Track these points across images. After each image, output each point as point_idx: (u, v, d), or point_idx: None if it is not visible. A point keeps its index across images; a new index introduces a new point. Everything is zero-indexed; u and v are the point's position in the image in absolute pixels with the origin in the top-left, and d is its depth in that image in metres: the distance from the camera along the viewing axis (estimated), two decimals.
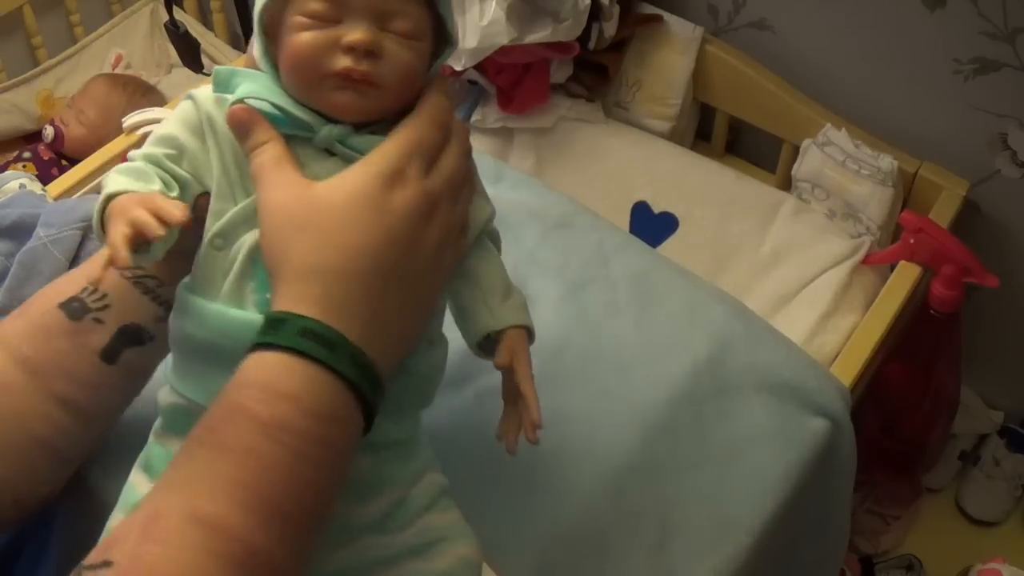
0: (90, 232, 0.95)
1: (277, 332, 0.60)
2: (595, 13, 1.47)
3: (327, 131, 0.66)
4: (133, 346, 0.73)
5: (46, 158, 1.90)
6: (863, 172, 1.41)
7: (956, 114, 1.42)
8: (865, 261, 1.41)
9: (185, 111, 0.69)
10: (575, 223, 1.12)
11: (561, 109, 1.56)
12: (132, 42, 2.14)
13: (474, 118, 1.52)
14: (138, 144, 1.39)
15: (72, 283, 0.73)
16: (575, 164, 1.54)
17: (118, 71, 2.09)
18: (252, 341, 0.61)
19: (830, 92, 1.50)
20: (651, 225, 1.50)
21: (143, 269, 0.72)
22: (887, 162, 1.39)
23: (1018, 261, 1.50)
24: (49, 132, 1.90)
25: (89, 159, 1.37)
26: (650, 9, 1.57)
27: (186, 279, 0.70)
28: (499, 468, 0.85)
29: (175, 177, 0.68)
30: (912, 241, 1.33)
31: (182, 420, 0.67)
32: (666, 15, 1.56)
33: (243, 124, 0.66)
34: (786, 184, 1.55)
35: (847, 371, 1.20)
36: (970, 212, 1.47)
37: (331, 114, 0.67)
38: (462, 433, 0.86)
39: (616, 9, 1.50)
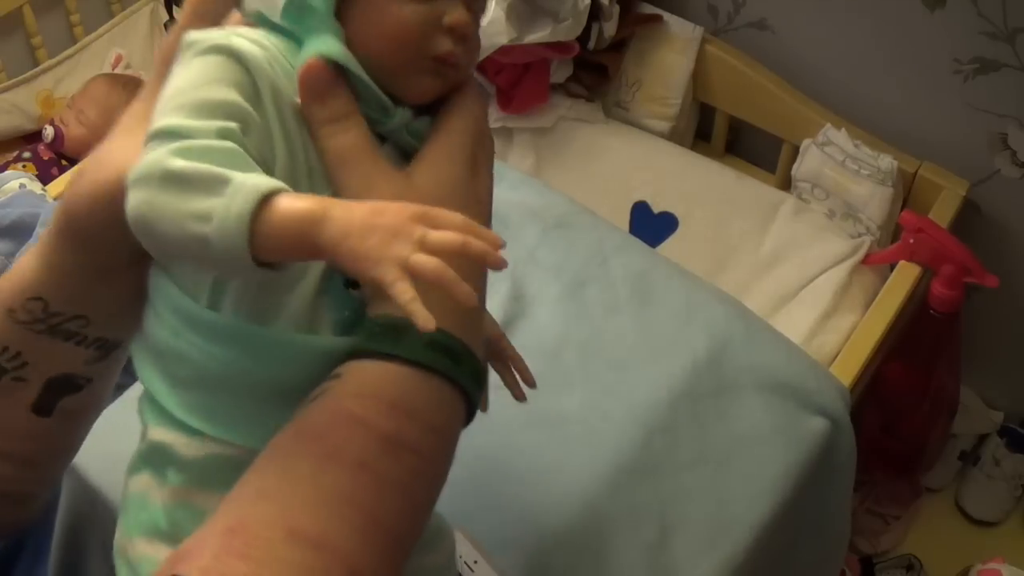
0: None
1: (399, 342, 0.53)
2: (595, 13, 1.47)
3: (401, 115, 0.57)
4: (68, 394, 0.63)
5: (46, 158, 1.90)
6: (863, 172, 1.41)
7: (956, 114, 1.42)
8: (865, 261, 1.41)
9: (230, 71, 0.53)
10: (575, 223, 1.12)
11: (561, 109, 1.56)
12: (132, 42, 2.14)
13: None
14: None
15: (16, 279, 0.62)
16: (575, 164, 1.54)
17: (118, 71, 2.09)
18: (360, 347, 0.53)
19: (830, 92, 1.50)
20: (651, 225, 1.50)
21: (60, 315, 0.60)
22: (887, 162, 1.39)
23: (1018, 261, 1.50)
24: (49, 132, 1.90)
25: None
26: (650, 9, 1.57)
27: (199, 300, 0.55)
28: (498, 466, 0.85)
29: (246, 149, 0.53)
30: (912, 241, 1.33)
31: (225, 472, 0.53)
32: (666, 15, 1.56)
33: (322, 87, 0.54)
34: (786, 184, 1.55)
35: (847, 371, 1.20)
36: (970, 212, 1.47)
37: (404, 97, 0.57)
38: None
39: (616, 9, 1.50)
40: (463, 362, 0.54)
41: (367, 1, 0.55)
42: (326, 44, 0.54)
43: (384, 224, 0.47)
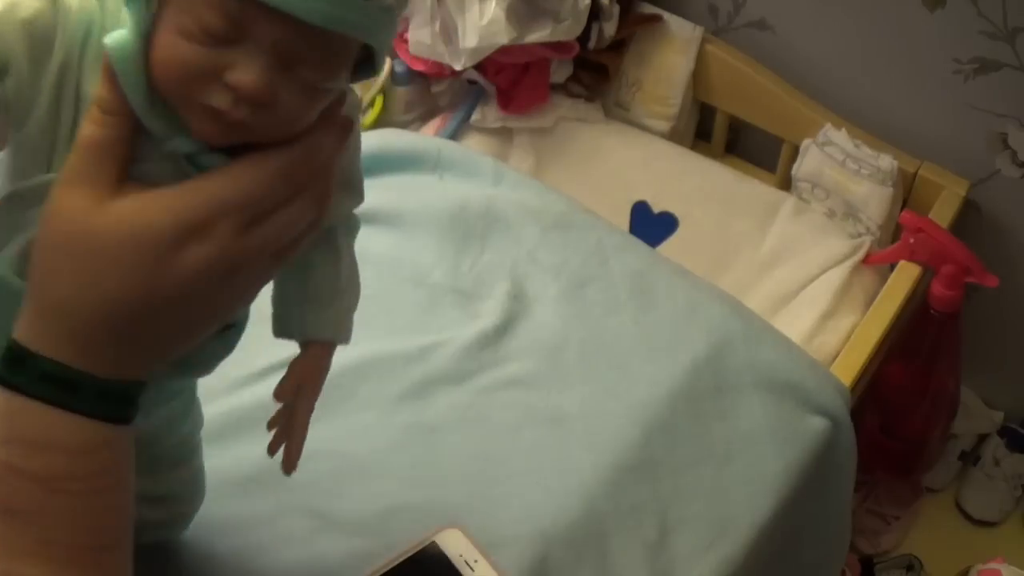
0: None
1: (19, 372, 0.54)
2: (595, 13, 1.47)
3: (174, 144, 0.53)
4: None
5: None
6: (863, 172, 1.41)
7: (956, 114, 1.42)
8: (865, 261, 1.41)
9: (36, 8, 0.52)
10: (575, 223, 1.12)
11: (561, 109, 1.56)
12: None
13: (474, 118, 1.52)
14: None
15: None
16: (575, 164, 1.54)
17: None
18: None
19: (830, 92, 1.51)
20: (651, 225, 1.50)
21: None
22: (887, 162, 1.39)
23: (1018, 261, 1.50)
24: None
25: None
26: (650, 9, 1.57)
27: None
28: (498, 465, 0.85)
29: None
30: (912, 241, 1.33)
31: None
32: (666, 15, 1.56)
33: (106, 73, 0.51)
34: (786, 184, 1.55)
35: (847, 371, 1.20)
36: (970, 212, 1.47)
37: (195, 137, 0.53)
38: (460, 430, 0.86)
39: (616, 9, 1.50)
40: (81, 391, 0.53)
41: (162, 18, 0.50)
42: (115, 36, 0.50)
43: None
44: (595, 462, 0.87)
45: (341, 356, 0.67)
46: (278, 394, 0.64)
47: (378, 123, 1.48)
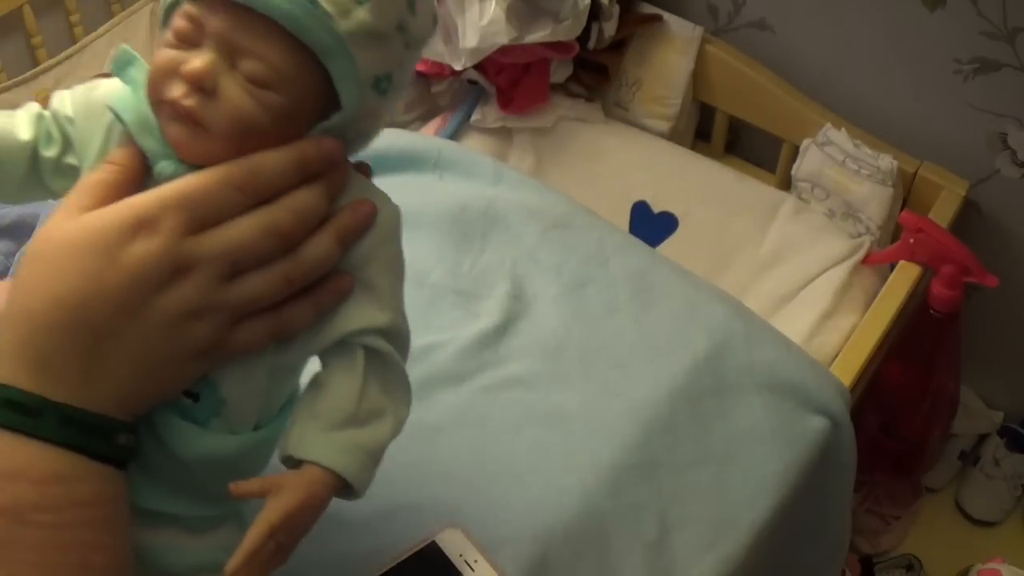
0: None
1: None
2: (595, 13, 1.47)
3: (162, 167, 0.57)
4: None
5: None
6: (863, 172, 1.41)
7: (956, 114, 1.42)
8: (865, 261, 1.41)
9: (103, 89, 0.62)
10: (574, 223, 1.12)
11: (561, 109, 1.56)
12: (132, 42, 2.14)
13: (474, 118, 1.52)
14: None
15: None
16: (575, 164, 1.54)
17: None
18: None
19: (830, 92, 1.51)
20: (650, 225, 1.50)
21: None
22: (887, 162, 1.39)
23: (1018, 261, 1.50)
24: None
25: None
26: (650, 9, 1.57)
27: None
28: (498, 464, 0.85)
29: (64, 136, 0.62)
30: (912, 241, 1.33)
31: None
32: (666, 15, 1.56)
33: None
34: (786, 184, 1.55)
35: (847, 371, 1.20)
36: (970, 212, 1.47)
37: (172, 147, 0.58)
38: (460, 430, 0.86)
39: (616, 9, 1.50)
40: (43, 417, 0.53)
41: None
42: (115, 94, 0.60)
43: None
44: (595, 462, 0.87)
45: None
46: (251, 536, 0.56)
47: None
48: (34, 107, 0.62)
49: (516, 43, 1.41)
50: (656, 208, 1.52)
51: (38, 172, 0.63)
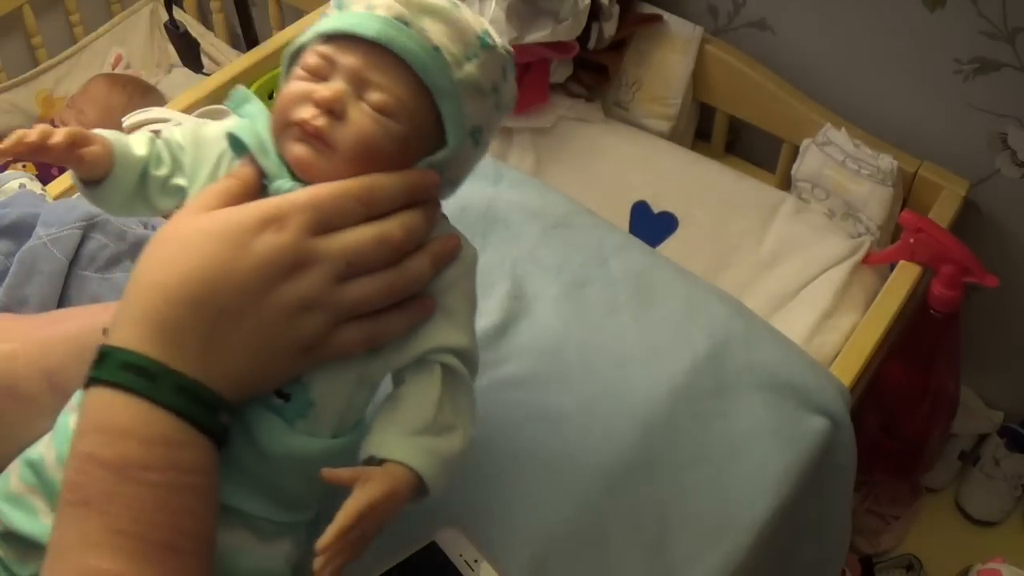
0: (90, 231, 0.95)
1: (102, 367, 0.59)
2: (595, 13, 1.47)
3: (277, 185, 0.65)
4: None
5: None
6: (863, 172, 1.41)
7: (956, 114, 1.42)
8: (865, 261, 1.41)
9: (215, 125, 0.72)
10: (574, 223, 1.12)
11: (561, 109, 1.56)
12: (132, 42, 2.14)
13: None
14: None
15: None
16: (574, 164, 1.54)
17: (118, 71, 2.09)
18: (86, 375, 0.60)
19: (830, 92, 1.51)
20: (650, 225, 1.50)
21: None
22: (887, 162, 1.39)
23: (1018, 261, 1.50)
24: None
25: None
26: (650, 9, 1.57)
27: None
28: (498, 464, 0.85)
29: (175, 160, 0.70)
30: (912, 241, 1.33)
31: None
32: (666, 15, 1.56)
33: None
34: (786, 184, 1.55)
35: (847, 371, 1.20)
36: (970, 212, 1.47)
37: (292, 167, 0.66)
38: None
39: (616, 9, 1.50)
40: (160, 381, 0.59)
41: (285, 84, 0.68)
42: (235, 123, 0.68)
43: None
44: (595, 461, 0.87)
45: None
46: (339, 521, 0.61)
47: None
48: (147, 133, 0.70)
49: (516, 43, 1.41)
50: (656, 208, 1.52)
51: (145, 188, 0.70)
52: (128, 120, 1.42)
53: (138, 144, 0.70)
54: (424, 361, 0.67)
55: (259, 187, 0.66)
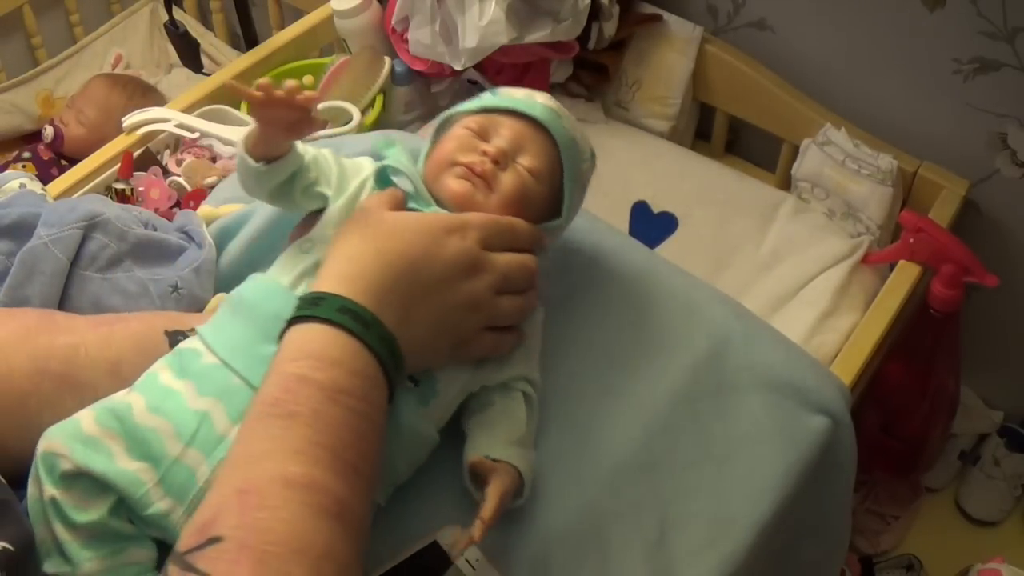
0: (91, 231, 0.95)
1: (318, 307, 0.69)
2: (595, 13, 1.47)
3: (412, 207, 0.79)
4: None
5: (46, 158, 1.90)
6: (863, 172, 1.41)
7: (956, 114, 1.42)
8: (864, 260, 1.41)
9: (367, 163, 0.86)
10: (574, 223, 1.12)
11: None
12: (132, 42, 2.14)
13: None
14: (138, 143, 1.40)
15: (184, 321, 0.82)
16: None
17: (118, 71, 2.09)
18: (292, 315, 0.70)
19: (830, 92, 1.51)
20: (650, 225, 1.50)
21: None
22: (887, 162, 1.39)
23: (1018, 261, 1.50)
24: (49, 132, 1.90)
25: (89, 159, 1.37)
26: (650, 9, 1.57)
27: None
28: None
29: (319, 169, 0.82)
30: (912, 240, 1.33)
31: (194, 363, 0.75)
32: (666, 15, 1.56)
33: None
34: (786, 184, 1.55)
35: (847, 370, 1.20)
36: (970, 212, 1.47)
37: (443, 200, 0.80)
38: (461, 430, 0.86)
39: (616, 9, 1.50)
40: (372, 328, 0.69)
41: (442, 136, 0.85)
42: (392, 157, 0.83)
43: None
44: (594, 461, 0.87)
45: None
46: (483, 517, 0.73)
47: (378, 123, 1.49)
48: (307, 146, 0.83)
49: (516, 43, 1.41)
50: (656, 208, 1.52)
51: (291, 185, 0.82)
52: (128, 120, 1.42)
53: (303, 148, 0.82)
54: (507, 387, 0.81)
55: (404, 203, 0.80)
